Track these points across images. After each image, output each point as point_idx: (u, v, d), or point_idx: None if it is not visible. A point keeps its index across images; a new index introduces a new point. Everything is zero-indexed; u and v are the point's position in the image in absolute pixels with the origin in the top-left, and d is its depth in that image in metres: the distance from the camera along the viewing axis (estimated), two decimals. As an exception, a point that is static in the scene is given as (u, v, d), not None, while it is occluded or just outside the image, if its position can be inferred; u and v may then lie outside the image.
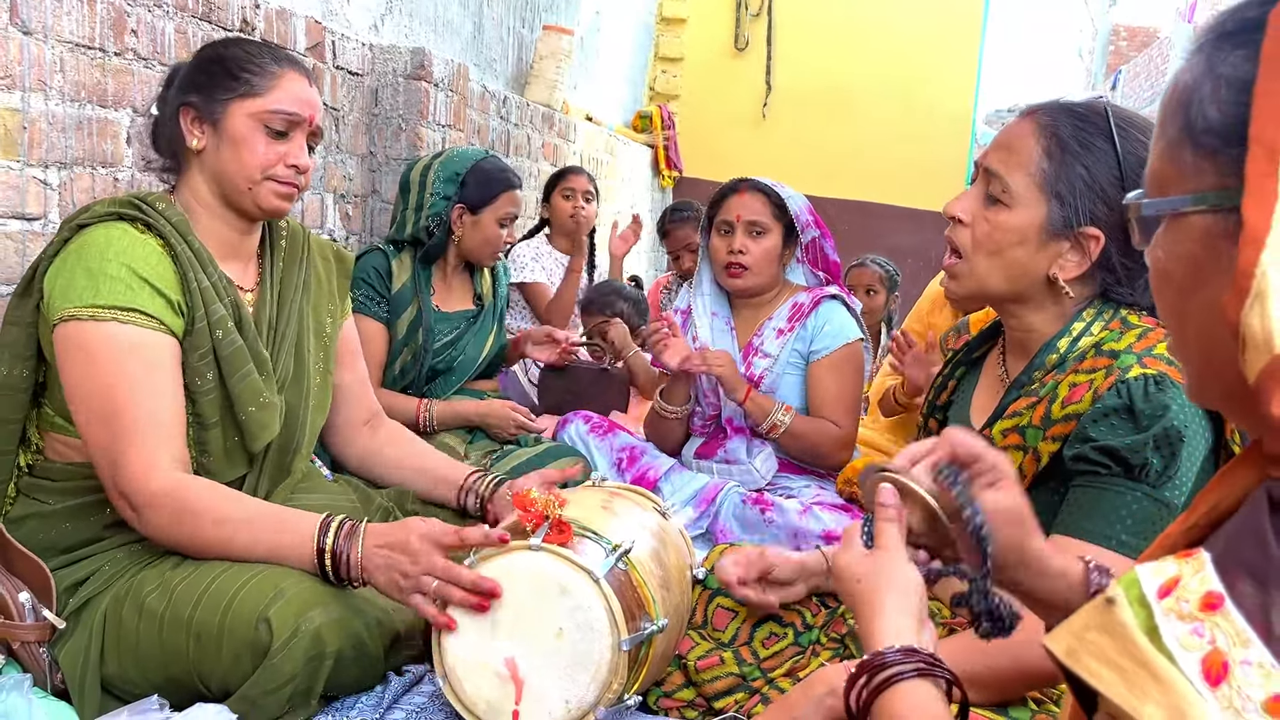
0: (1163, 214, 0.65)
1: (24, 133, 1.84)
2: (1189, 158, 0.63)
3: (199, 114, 1.57)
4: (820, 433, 2.43)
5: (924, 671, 0.81)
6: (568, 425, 2.66)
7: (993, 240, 1.31)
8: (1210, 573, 0.53)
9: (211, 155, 1.58)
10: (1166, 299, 0.67)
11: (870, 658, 0.83)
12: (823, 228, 2.52)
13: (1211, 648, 0.51)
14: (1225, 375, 0.61)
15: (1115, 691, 0.52)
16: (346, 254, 1.86)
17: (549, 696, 1.35)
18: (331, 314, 1.79)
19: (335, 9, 3.02)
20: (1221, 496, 0.67)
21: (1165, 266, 0.65)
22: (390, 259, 2.55)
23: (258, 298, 1.67)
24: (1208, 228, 0.61)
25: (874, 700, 0.81)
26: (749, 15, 7.03)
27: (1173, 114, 0.64)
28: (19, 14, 1.80)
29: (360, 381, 1.90)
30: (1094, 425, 1.23)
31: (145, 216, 1.53)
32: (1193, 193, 0.62)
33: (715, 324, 2.55)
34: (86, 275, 1.46)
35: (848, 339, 2.46)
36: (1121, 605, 0.54)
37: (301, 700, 1.37)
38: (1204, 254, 0.62)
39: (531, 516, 1.41)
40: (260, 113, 1.56)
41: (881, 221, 6.63)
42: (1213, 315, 0.60)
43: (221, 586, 1.41)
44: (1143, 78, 13.28)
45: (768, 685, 1.51)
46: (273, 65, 1.59)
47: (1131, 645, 0.53)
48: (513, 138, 4.17)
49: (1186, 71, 0.64)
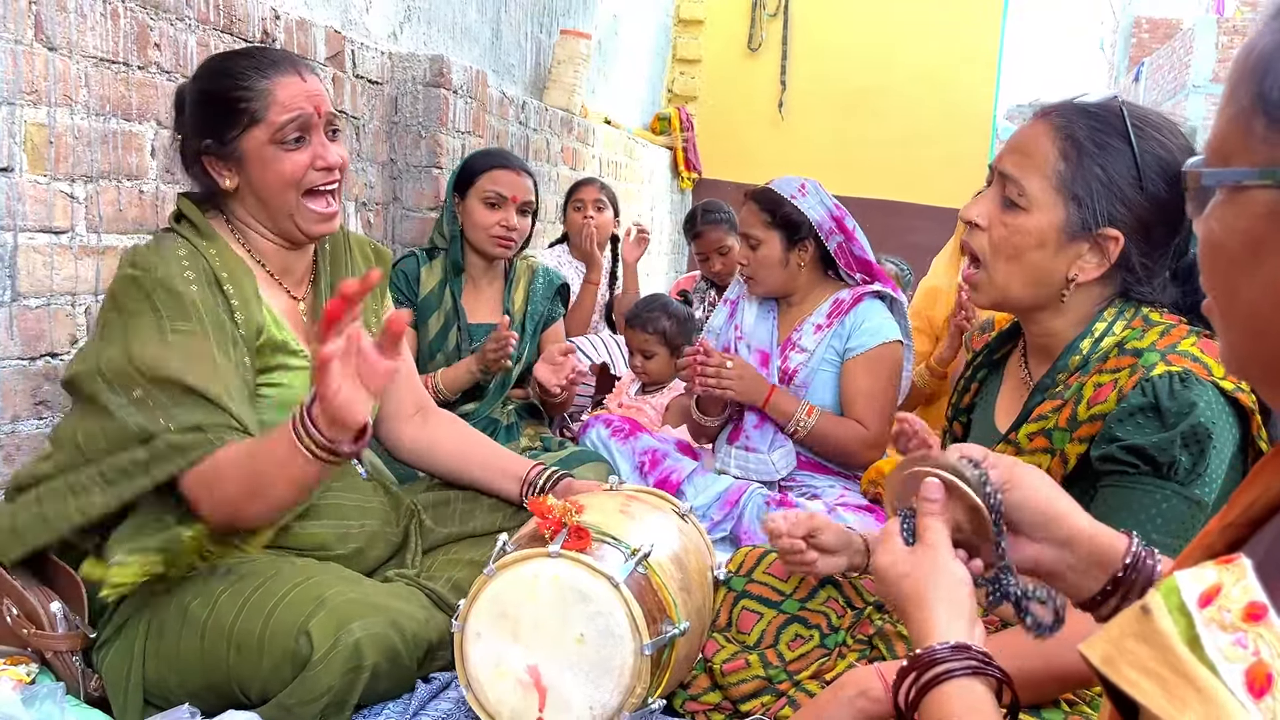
0: (1224, 184, 0.61)
1: (50, 147, 1.86)
2: (1260, 129, 0.59)
3: (217, 157, 1.57)
4: (846, 434, 2.42)
5: (977, 670, 0.79)
6: (590, 429, 2.66)
7: (1011, 244, 1.30)
8: (1252, 581, 0.52)
9: (246, 191, 1.59)
10: (1217, 272, 0.63)
11: (921, 653, 0.81)
12: (846, 231, 2.50)
13: (1255, 659, 0.49)
14: (1273, 353, 0.60)
15: (1154, 701, 0.51)
16: (385, 250, 1.88)
17: (573, 703, 1.35)
18: (376, 313, 1.81)
19: (354, 18, 3.04)
20: (1258, 494, 0.65)
21: (1219, 239, 0.62)
22: (420, 264, 2.66)
23: (310, 305, 1.69)
24: (1273, 204, 0.58)
25: (923, 697, 0.79)
26: (765, 15, 7.01)
27: (1245, 81, 0.61)
28: (44, 30, 1.82)
29: (406, 369, 1.90)
30: (1120, 425, 1.21)
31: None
32: (1261, 166, 0.59)
33: (760, 314, 2.57)
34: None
35: (885, 338, 2.44)
36: (1160, 614, 0.53)
37: (335, 711, 1.39)
38: (1267, 230, 0.59)
39: (549, 523, 1.41)
40: (271, 135, 1.55)
41: (901, 219, 6.59)
42: (1269, 294, 0.58)
43: (263, 596, 1.42)
44: (1165, 70, 13.12)
45: (794, 688, 1.50)
46: (260, 81, 1.55)
47: (1171, 655, 0.51)
48: (532, 143, 4.18)
49: (1264, 36, 0.60)
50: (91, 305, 2.01)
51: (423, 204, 3.17)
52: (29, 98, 1.80)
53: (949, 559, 0.85)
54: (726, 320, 2.61)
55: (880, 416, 2.43)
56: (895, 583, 0.86)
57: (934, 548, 0.86)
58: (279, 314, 1.62)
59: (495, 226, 2.62)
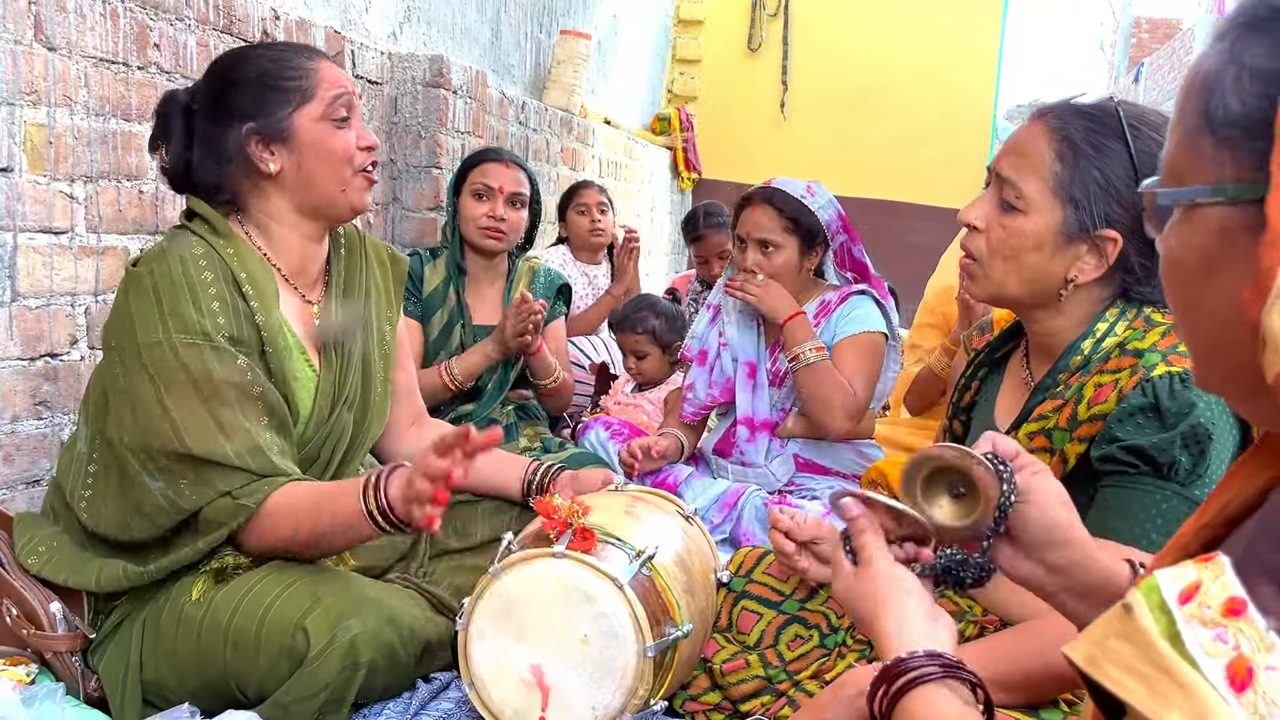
0: (1179, 203, 0.63)
1: (50, 147, 1.86)
2: (1208, 148, 0.61)
3: (265, 137, 1.54)
4: (837, 385, 2.36)
5: (945, 675, 0.80)
6: (588, 431, 2.66)
7: (1008, 246, 1.30)
8: (1231, 578, 0.53)
9: (292, 173, 1.56)
10: (1176, 287, 0.65)
11: (889, 665, 0.82)
12: (850, 231, 2.49)
13: (1236, 654, 0.50)
14: (1233, 365, 0.60)
15: (1139, 699, 0.52)
16: (401, 256, 1.86)
17: (575, 703, 1.36)
18: (390, 320, 1.79)
19: (354, 19, 3.04)
20: (1233, 495, 0.66)
21: (1178, 256, 0.64)
22: (425, 263, 2.67)
23: (322, 311, 1.67)
24: (1225, 220, 0.60)
25: (895, 706, 0.81)
26: (765, 15, 7.02)
27: (1192, 102, 0.63)
28: (43, 30, 1.82)
29: (409, 382, 1.90)
30: (1120, 425, 1.21)
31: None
32: (1211, 184, 0.61)
33: (743, 323, 2.54)
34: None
35: (869, 328, 2.43)
36: (1142, 612, 0.53)
37: (333, 708, 1.38)
38: (1220, 246, 0.60)
39: (555, 524, 1.41)
40: (323, 111, 1.56)
41: (902, 219, 6.60)
42: (1226, 307, 0.59)
43: (259, 594, 1.42)
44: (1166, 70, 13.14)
45: (794, 688, 1.50)
46: (307, 61, 1.58)
47: (1154, 652, 0.52)
48: (531, 143, 4.18)
49: (1209, 58, 0.62)
50: (91, 305, 2.00)
51: (422, 204, 3.17)
52: (29, 98, 1.80)
53: (889, 569, 0.87)
54: (708, 325, 2.57)
55: (864, 387, 2.39)
56: (853, 606, 0.88)
57: (872, 563, 0.87)
58: (290, 317, 1.60)
59: (482, 217, 2.61)
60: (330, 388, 1.62)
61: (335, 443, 1.64)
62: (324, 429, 1.61)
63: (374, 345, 1.72)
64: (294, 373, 1.57)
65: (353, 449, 1.68)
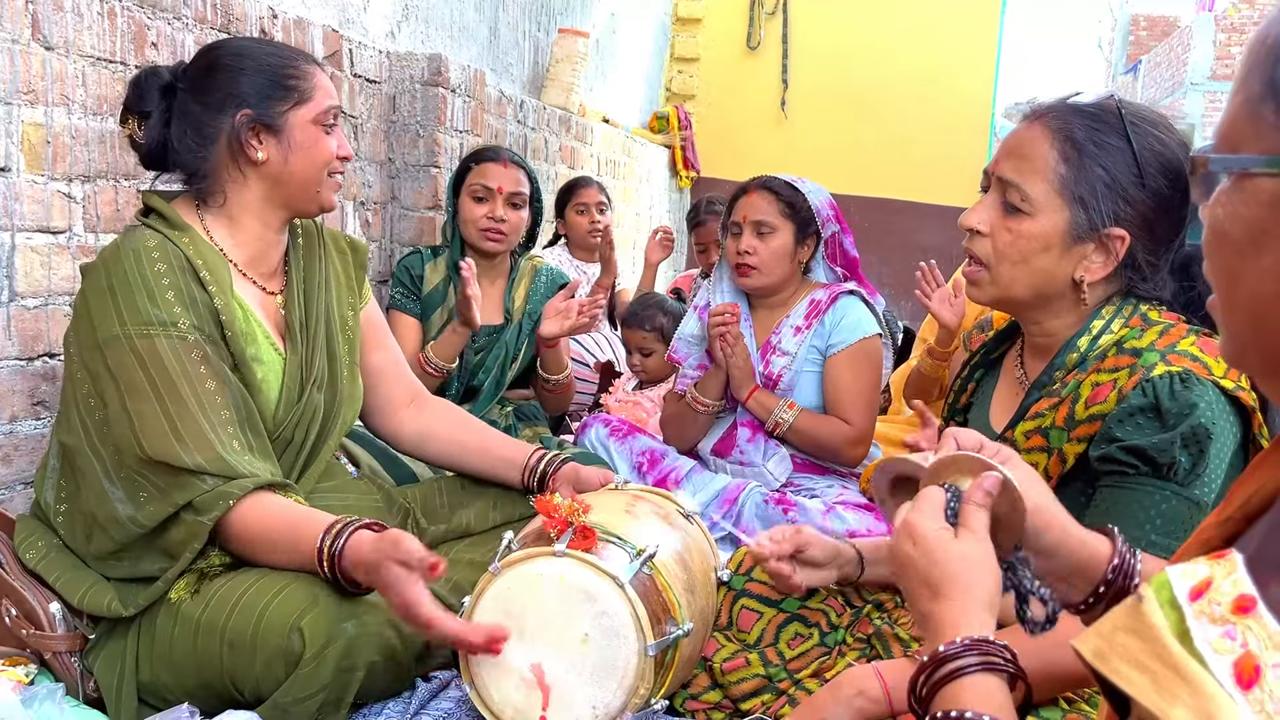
0: (1231, 171, 0.61)
1: (48, 147, 1.86)
2: (1270, 116, 0.59)
3: (259, 127, 1.59)
4: (829, 431, 2.41)
5: (996, 666, 0.79)
6: (588, 430, 2.66)
7: (1016, 249, 1.30)
8: (1242, 575, 0.53)
9: (277, 165, 1.61)
10: (1220, 259, 0.63)
11: (948, 645, 0.80)
12: (842, 223, 2.50)
13: (1244, 651, 0.50)
14: (1270, 344, 0.59)
15: (1144, 694, 0.52)
16: (360, 243, 1.88)
17: (576, 702, 1.35)
18: (353, 306, 1.81)
19: (352, 17, 3.04)
20: (1256, 488, 0.65)
21: (1224, 226, 0.62)
22: (425, 261, 2.70)
23: (285, 300, 1.69)
24: (1277, 192, 0.58)
25: (937, 692, 0.79)
26: (764, 13, 7.01)
27: (1257, 68, 0.60)
28: (40, 29, 1.82)
29: (394, 361, 1.91)
30: (1120, 425, 1.21)
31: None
32: (1269, 153, 0.59)
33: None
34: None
35: (865, 333, 2.44)
36: (1152, 607, 0.53)
37: (331, 709, 1.38)
38: (1270, 219, 0.59)
39: (555, 523, 1.41)
40: (315, 115, 1.62)
41: (902, 218, 6.59)
42: (1270, 283, 0.58)
43: (255, 594, 1.42)
44: (1163, 67, 13.13)
45: (794, 686, 1.50)
46: (306, 65, 1.65)
47: (1161, 648, 0.52)
48: (530, 141, 4.17)
49: (1277, 24, 0.60)
50: (90, 305, 2.00)
51: (421, 203, 3.17)
52: (26, 97, 1.80)
53: (990, 552, 0.84)
54: (698, 333, 2.56)
55: (864, 412, 2.43)
56: (940, 561, 0.83)
57: (981, 539, 0.84)
58: (252, 305, 1.63)
59: (482, 219, 2.62)
60: (297, 370, 1.65)
61: (308, 424, 1.67)
62: (295, 410, 1.64)
63: (337, 330, 1.74)
64: (259, 356, 1.60)
65: (325, 430, 1.71)
